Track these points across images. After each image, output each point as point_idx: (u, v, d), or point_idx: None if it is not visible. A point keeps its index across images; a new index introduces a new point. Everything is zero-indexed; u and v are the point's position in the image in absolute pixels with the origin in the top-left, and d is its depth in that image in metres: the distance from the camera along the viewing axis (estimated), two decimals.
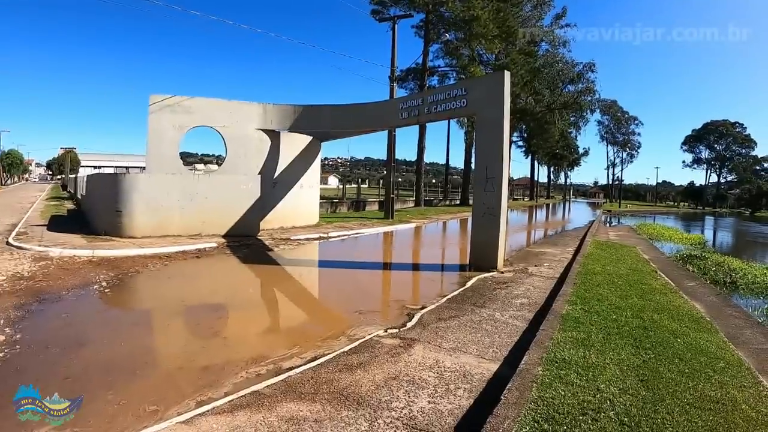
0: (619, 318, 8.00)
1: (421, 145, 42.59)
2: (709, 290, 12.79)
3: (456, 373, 5.70)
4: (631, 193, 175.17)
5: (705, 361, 6.28)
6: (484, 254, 13.29)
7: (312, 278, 12.72)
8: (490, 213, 13.18)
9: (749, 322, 9.55)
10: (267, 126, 19.43)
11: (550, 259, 15.94)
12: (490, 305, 9.16)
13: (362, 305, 9.26)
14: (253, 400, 4.79)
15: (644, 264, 15.40)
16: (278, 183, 19.83)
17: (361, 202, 34.65)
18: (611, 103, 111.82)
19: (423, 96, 16.64)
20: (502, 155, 13.02)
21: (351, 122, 19.35)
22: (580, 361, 5.79)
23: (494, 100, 13.27)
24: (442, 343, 6.76)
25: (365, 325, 7.69)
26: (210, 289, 10.74)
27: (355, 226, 22.55)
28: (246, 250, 14.85)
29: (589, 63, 58.21)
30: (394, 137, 27.49)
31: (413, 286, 12.51)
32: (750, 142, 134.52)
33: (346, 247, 17.80)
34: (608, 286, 10.76)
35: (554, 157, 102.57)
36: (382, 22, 31.84)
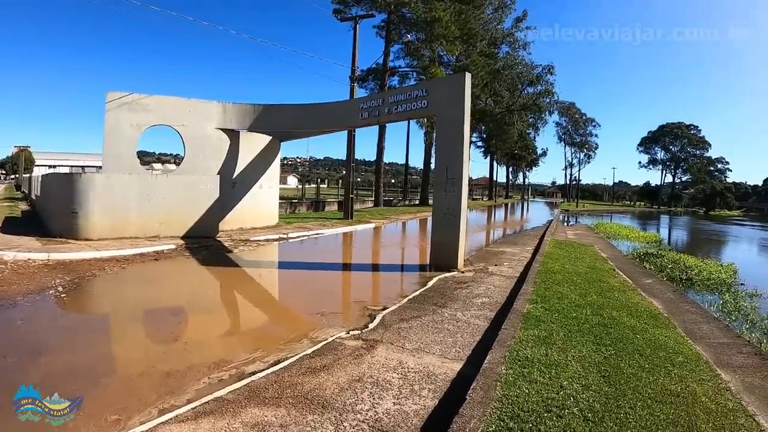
0: (579, 315, 8.12)
1: (380, 145, 42.70)
2: (665, 287, 13.07)
3: (420, 374, 5.71)
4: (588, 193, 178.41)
5: (664, 355, 6.43)
6: (445, 254, 13.37)
7: (273, 280, 12.60)
8: (450, 213, 13.28)
9: (705, 317, 9.82)
10: (226, 125, 19.21)
11: (510, 258, 16.13)
12: (452, 305, 9.21)
13: (324, 307, 9.19)
14: (217, 407, 4.70)
15: (602, 262, 15.68)
16: (237, 183, 19.61)
17: (320, 203, 34.49)
18: (569, 105, 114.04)
19: (384, 96, 16.69)
20: (462, 156, 13.12)
21: (311, 122, 19.24)
22: (543, 359, 5.85)
23: (455, 101, 13.36)
24: (405, 344, 6.78)
25: (327, 327, 7.66)
26: (169, 292, 10.57)
27: (314, 226, 22.46)
28: (205, 252, 14.64)
29: (548, 65, 58.95)
30: (353, 137, 27.44)
31: (374, 286, 12.50)
32: (704, 144, 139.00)
33: (306, 247, 17.71)
34: (568, 284, 10.92)
35: (513, 158, 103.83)
36: (343, 21, 31.82)
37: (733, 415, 4.79)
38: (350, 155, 27.47)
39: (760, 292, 14.45)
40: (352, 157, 27.58)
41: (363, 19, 29.74)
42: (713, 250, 32.46)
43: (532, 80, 59.36)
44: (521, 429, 4.14)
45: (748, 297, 13.76)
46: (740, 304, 12.29)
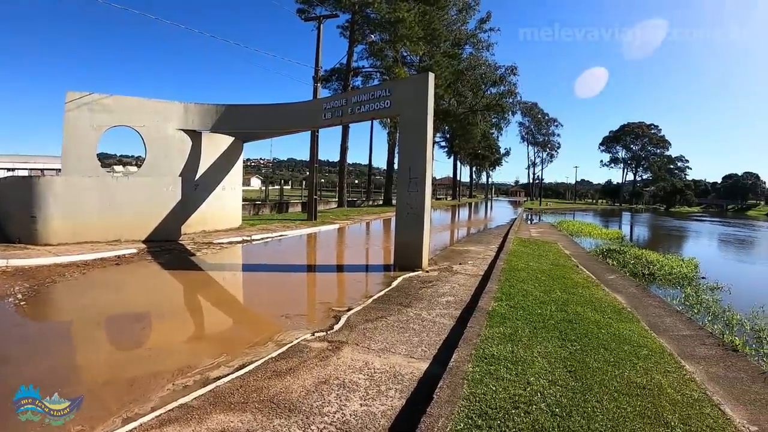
0: (544, 312, 8.22)
1: (344, 145, 42.55)
2: (629, 282, 13.33)
3: (386, 374, 5.71)
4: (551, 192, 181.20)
5: (629, 349, 6.55)
6: (409, 254, 13.40)
7: (237, 283, 12.50)
8: (413, 213, 13.32)
9: (668, 310, 10.05)
10: (188, 126, 18.91)
11: (474, 256, 16.26)
12: (417, 304, 9.23)
13: (289, 309, 9.12)
14: (182, 414, 4.62)
15: (566, 259, 15.91)
16: (200, 185, 19.33)
17: (284, 204, 34.31)
18: (532, 105, 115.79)
19: (347, 96, 16.63)
20: (425, 156, 13.17)
21: (274, 123, 19.12)
22: (509, 356, 5.90)
23: (419, 101, 13.40)
24: (371, 345, 6.77)
25: (292, 330, 7.61)
26: (131, 298, 10.32)
27: (278, 228, 22.27)
28: (167, 256, 14.40)
29: (511, 66, 59.63)
30: (316, 138, 27.25)
31: (339, 287, 12.38)
32: (665, 143, 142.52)
33: (270, 249, 17.58)
34: (532, 281, 11.06)
35: (476, 157, 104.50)
36: (307, 21, 31.57)
37: (698, 405, 4.90)
38: (313, 156, 27.27)
39: (720, 285, 14.94)
40: (316, 157, 27.38)
41: (327, 19, 29.63)
42: (675, 245, 33.20)
43: (495, 81, 59.99)
44: (489, 426, 4.16)
45: (710, 290, 14.23)
46: (702, 297, 12.68)
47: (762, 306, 11.64)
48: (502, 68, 59.98)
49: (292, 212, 33.31)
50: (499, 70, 59.93)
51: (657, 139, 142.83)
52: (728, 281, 15.53)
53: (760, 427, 4.75)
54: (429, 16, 41.53)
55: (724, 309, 11.49)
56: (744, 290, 15.09)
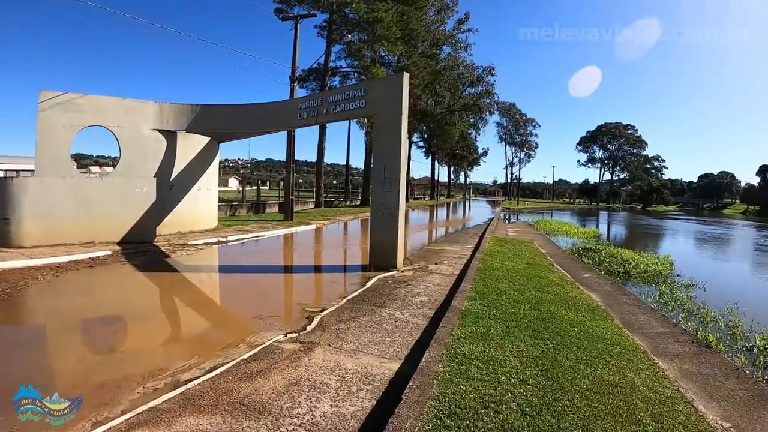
0: (517, 311, 8.23)
1: (321, 145, 42.44)
2: (603, 280, 13.42)
3: (358, 375, 5.69)
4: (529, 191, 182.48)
5: (602, 347, 6.58)
6: (384, 254, 13.39)
7: (211, 284, 12.39)
8: (388, 213, 13.32)
9: (642, 308, 10.12)
10: (163, 126, 18.69)
11: (450, 256, 16.29)
12: (391, 304, 9.22)
13: (262, 310, 9.08)
14: (151, 417, 4.57)
15: (541, 258, 15.99)
16: (175, 186, 19.14)
17: (261, 204, 34.09)
18: (510, 105, 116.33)
19: (323, 96, 16.57)
20: (400, 156, 13.18)
21: (249, 123, 19.00)
22: (480, 356, 5.90)
23: (393, 101, 13.39)
24: (343, 345, 6.75)
25: (265, 331, 7.57)
26: (104, 300, 10.17)
27: (254, 228, 22.19)
28: (142, 258, 14.26)
29: (489, 67, 60.22)
30: (293, 138, 27.18)
31: (313, 288, 12.33)
32: (641, 143, 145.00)
33: (246, 250, 17.49)
34: (506, 280, 11.09)
35: (454, 157, 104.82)
36: (285, 21, 31.53)
37: (671, 403, 4.93)
38: (290, 156, 27.18)
39: (695, 282, 15.13)
40: (292, 158, 27.30)
41: (304, 19, 29.58)
42: (650, 243, 33.56)
43: (473, 81, 60.41)
44: (458, 426, 4.15)
45: (684, 287, 14.41)
46: (676, 295, 12.83)
47: (736, 303, 11.79)
48: (479, 69, 60.59)
49: (269, 213, 33.15)
50: (477, 71, 60.52)
51: (634, 139, 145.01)
52: (703, 278, 15.68)
53: (734, 423, 4.78)
54: (407, 16, 41.64)
55: (698, 306, 11.62)
56: (718, 287, 15.30)
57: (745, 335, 9.36)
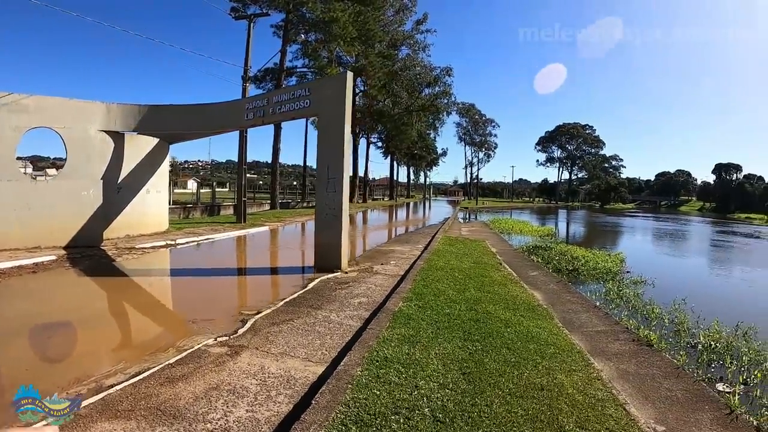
0: (452, 312, 8.19)
1: (276, 146, 42.01)
2: (550, 279, 13.52)
3: (280, 379, 5.62)
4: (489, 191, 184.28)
5: (534, 348, 6.52)
6: (328, 255, 13.32)
7: (152, 288, 12.11)
8: (332, 213, 13.26)
9: (586, 306, 10.13)
10: (111, 127, 18.19)
11: (398, 256, 16.26)
12: (328, 306, 9.14)
13: (198, 314, 8.95)
14: (67, 423, 4.44)
15: (490, 257, 16.07)
16: (123, 188, 18.72)
17: (215, 207, 33.71)
18: (469, 106, 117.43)
19: (269, 96, 16.40)
20: (343, 155, 13.12)
21: (197, 123, 18.74)
22: (403, 359, 5.85)
23: (337, 100, 13.34)
24: (271, 348, 6.66)
25: (197, 335, 7.44)
26: (42, 306, 9.83)
27: (205, 231, 21.89)
28: (87, 262, 13.93)
29: (446, 67, 60.64)
30: (245, 139, 26.84)
31: (254, 290, 12.15)
32: (599, 143, 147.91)
33: (193, 253, 17.31)
34: (448, 280, 11.08)
35: (413, 158, 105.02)
36: (239, 20, 31.12)
37: (601, 406, 4.84)
38: (242, 157, 26.84)
39: (644, 279, 15.31)
40: (244, 158, 26.96)
41: (258, 18, 29.44)
42: (604, 240, 34.18)
43: (430, 82, 60.69)
44: None
45: (633, 284, 14.54)
46: (623, 292, 12.87)
47: (684, 298, 11.91)
48: (437, 69, 60.88)
49: (224, 215, 32.69)
50: (435, 71, 60.78)
51: (591, 139, 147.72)
52: (653, 275, 15.92)
53: (668, 426, 4.74)
54: (364, 16, 41.66)
55: (645, 303, 11.70)
56: (668, 283, 15.53)
57: (690, 332, 9.44)
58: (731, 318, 10.52)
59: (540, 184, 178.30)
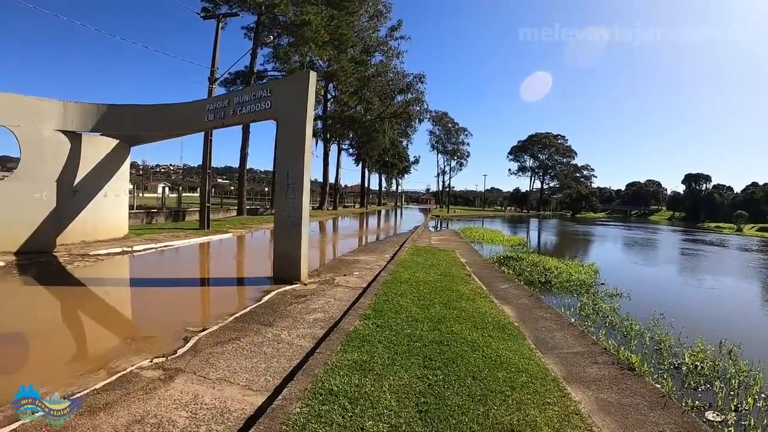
0: (413, 332, 7.57)
1: (243, 151, 41.34)
2: (522, 292, 13.07)
3: (213, 411, 4.96)
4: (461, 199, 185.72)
5: (504, 377, 5.94)
6: (287, 266, 12.67)
7: (97, 300, 11.24)
8: (291, 222, 12.63)
9: (560, 323, 9.66)
10: (67, 127, 17.29)
11: (363, 267, 15.66)
12: (280, 323, 8.45)
13: (141, 330, 8.33)
14: None
15: (459, 268, 15.56)
16: (79, 192, 17.90)
17: (180, 212, 32.77)
18: (442, 114, 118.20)
19: (230, 97, 15.73)
20: (303, 160, 12.51)
21: (158, 124, 17.98)
22: (351, 392, 5.20)
23: (298, 102, 12.79)
24: (210, 373, 5.99)
25: (133, 355, 6.74)
26: None
27: (166, 237, 21.09)
28: (35, 270, 13.14)
29: (419, 74, 60.53)
30: (210, 142, 26.08)
31: (205, 303, 11.40)
32: (571, 152, 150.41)
33: (149, 261, 16.49)
34: (412, 295, 10.47)
35: (385, 165, 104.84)
36: (207, 19, 30.44)
37: None
38: (206, 161, 26.09)
39: (620, 291, 14.98)
40: (209, 162, 26.19)
41: (227, 18, 28.93)
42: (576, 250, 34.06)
43: (403, 88, 60.56)
44: None
45: (608, 297, 14.21)
46: (599, 306, 12.52)
47: (662, 312, 11.69)
48: (410, 76, 60.78)
49: (189, 221, 31.70)
50: (407, 78, 60.70)
51: (563, 148, 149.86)
52: (628, 286, 15.69)
53: None
54: (337, 20, 41.50)
55: (622, 318, 11.34)
56: (644, 295, 15.35)
57: (672, 350, 9.09)
58: (711, 331, 10.37)
59: (512, 193, 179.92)
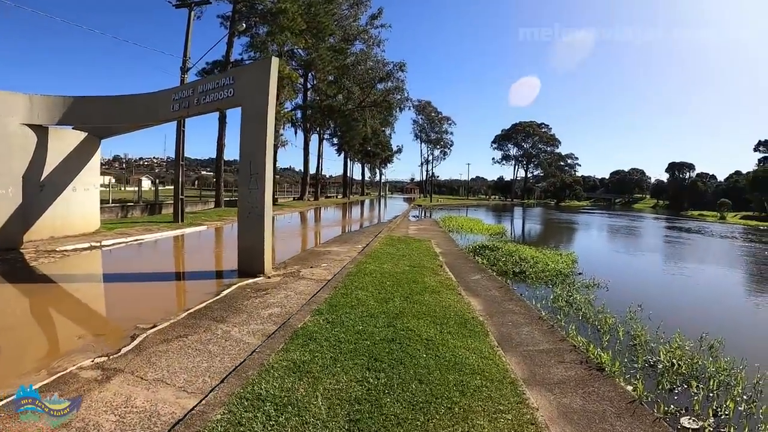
0: (366, 329, 7.23)
1: (220, 142, 40.87)
2: (493, 283, 12.81)
3: (142, 415, 4.71)
4: (446, 188, 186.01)
5: (455, 379, 5.48)
6: (251, 258, 12.43)
7: (56, 297, 10.88)
8: (254, 213, 12.39)
9: (529, 317, 9.31)
10: (34, 120, 16.92)
11: (333, 258, 15.44)
12: (233, 319, 8.18)
13: (93, 327, 8.12)
14: None
15: (431, 259, 15.38)
16: (47, 186, 17.48)
17: (157, 205, 32.22)
18: (425, 103, 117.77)
19: (195, 86, 15.44)
20: (265, 149, 12.28)
21: (124, 116, 17.65)
22: (281, 397, 4.87)
23: (260, 89, 12.56)
24: (148, 373, 5.75)
25: (78, 353, 6.52)
26: None
27: (138, 231, 20.74)
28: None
29: (400, 63, 60.31)
30: (183, 133, 25.67)
31: (163, 298, 10.96)
32: (555, 141, 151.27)
33: (117, 256, 16.19)
34: (374, 287, 10.24)
35: (367, 155, 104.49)
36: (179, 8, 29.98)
37: None
38: (179, 152, 25.67)
39: (597, 281, 14.65)
40: (182, 154, 25.78)
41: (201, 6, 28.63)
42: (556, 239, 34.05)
43: (383, 77, 60.29)
44: None
45: (585, 288, 13.86)
46: (574, 297, 12.13)
47: (640, 304, 11.38)
48: (390, 64, 60.50)
49: (166, 214, 31.07)
50: (388, 66, 60.46)
51: (547, 137, 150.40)
52: (607, 276, 15.47)
53: None
54: (315, 8, 41.16)
55: (597, 310, 10.94)
56: (623, 286, 15.06)
57: (648, 346, 8.69)
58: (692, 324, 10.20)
59: (496, 181, 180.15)
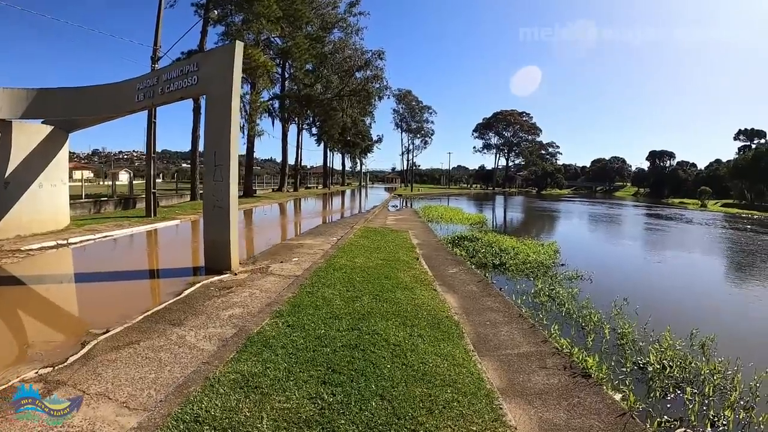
0: (328, 333, 6.70)
1: (195, 134, 39.63)
2: (472, 277, 12.40)
3: None
4: (427, 178, 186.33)
5: (423, 393, 4.91)
6: (216, 254, 12.01)
7: (11, 300, 10.16)
8: (219, 206, 11.91)
9: (509, 314, 8.85)
10: None
11: (305, 252, 15.00)
12: (191, 321, 7.68)
13: (42, 334, 7.67)
14: None
15: (408, 251, 15.00)
16: (11, 183, 16.89)
17: (131, 200, 31.42)
18: (406, 92, 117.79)
19: (159, 74, 14.91)
20: (230, 139, 11.78)
21: (89, 108, 17.10)
22: (221, 419, 4.34)
23: (223, 76, 12.04)
24: (91, 386, 5.27)
25: (24, 364, 6.09)
26: None
27: (107, 227, 20.07)
28: None
29: (378, 51, 59.75)
30: (154, 125, 24.82)
31: (122, 299, 10.16)
32: (536, 130, 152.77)
33: (82, 255, 15.59)
34: (342, 284, 9.75)
35: (347, 144, 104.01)
36: None
37: None
38: (150, 145, 24.91)
39: (581, 273, 14.33)
40: (153, 147, 25.06)
41: None
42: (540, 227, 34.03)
43: (362, 65, 59.87)
44: None
45: (567, 280, 13.53)
46: (557, 291, 11.77)
47: (626, 297, 11.09)
48: (369, 52, 60.02)
49: (140, 208, 30.14)
50: (366, 55, 60.00)
51: (528, 126, 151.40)
52: (590, 267, 15.21)
53: None
54: None
55: (581, 306, 10.54)
56: (607, 277, 14.84)
57: (637, 345, 8.30)
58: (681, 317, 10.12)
59: (477, 170, 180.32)
